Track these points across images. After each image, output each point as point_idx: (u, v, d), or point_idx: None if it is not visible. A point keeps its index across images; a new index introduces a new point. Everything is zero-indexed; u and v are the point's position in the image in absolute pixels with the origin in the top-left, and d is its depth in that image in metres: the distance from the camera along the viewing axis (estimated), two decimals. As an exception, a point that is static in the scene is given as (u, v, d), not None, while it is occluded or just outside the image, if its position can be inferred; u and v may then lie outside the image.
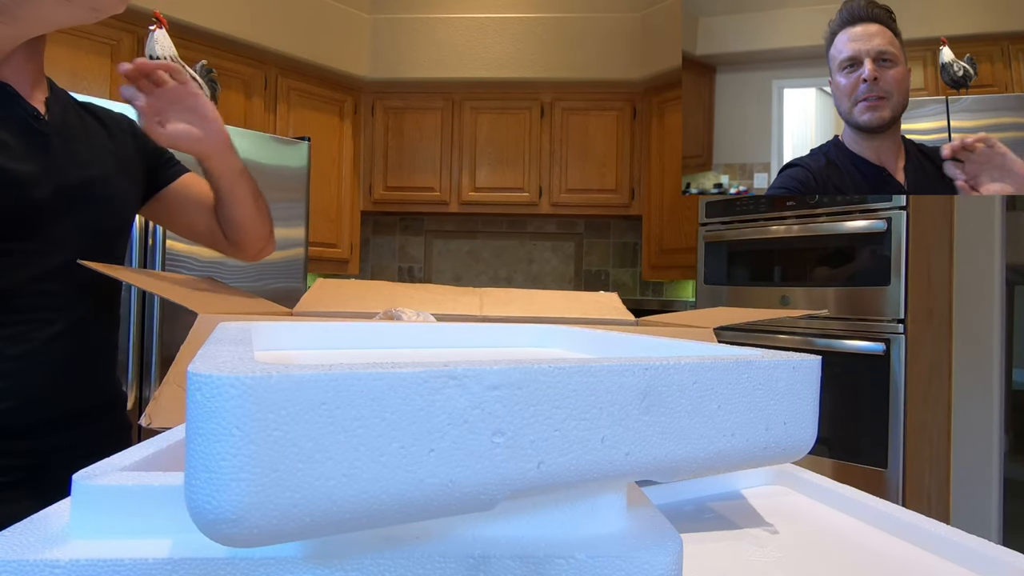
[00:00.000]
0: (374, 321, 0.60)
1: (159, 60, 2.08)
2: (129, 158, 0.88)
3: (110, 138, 0.86)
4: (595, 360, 0.26)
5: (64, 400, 0.78)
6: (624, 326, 0.79)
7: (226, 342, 0.32)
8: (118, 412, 0.88)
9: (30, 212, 0.72)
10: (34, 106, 0.75)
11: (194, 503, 0.21)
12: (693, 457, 0.28)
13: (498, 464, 0.24)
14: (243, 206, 0.91)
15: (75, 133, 0.80)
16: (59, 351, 0.76)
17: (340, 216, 3.13)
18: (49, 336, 0.75)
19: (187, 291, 0.73)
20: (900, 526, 0.46)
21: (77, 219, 0.77)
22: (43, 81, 0.79)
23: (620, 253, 3.55)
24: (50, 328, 0.75)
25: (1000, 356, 2.04)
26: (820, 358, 0.33)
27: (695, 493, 0.55)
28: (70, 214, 0.76)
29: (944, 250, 2.10)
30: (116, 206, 0.84)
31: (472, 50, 3.18)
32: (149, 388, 1.97)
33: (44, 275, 0.74)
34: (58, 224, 0.75)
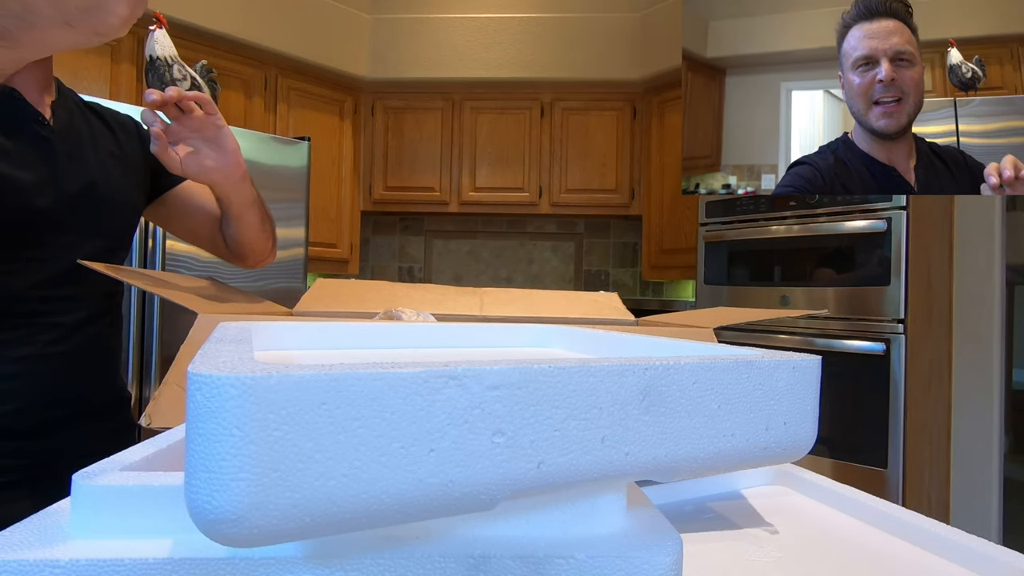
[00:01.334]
0: (374, 321, 0.60)
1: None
2: (134, 161, 0.88)
3: (115, 141, 0.86)
4: (595, 360, 0.26)
5: (68, 401, 0.78)
6: (624, 326, 0.79)
7: (226, 342, 0.32)
8: (123, 411, 0.88)
9: (34, 219, 0.72)
10: (40, 111, 0.75)
11: (194, 503, 0.21)
12: (693, 457, 0.28)
13: (498, 464, 0.24)
14: (250, 230, 0.91)
15: (80, 137, 0.80)
16: (63, 353, 0.76)
17: (340, 216, 3.13)
18: (53, 339, 0.75)
19: (187, 291, 0.73)
20: (900, 526, 0.46)
21: (80, 224, 0.77)
22: (51, 84, 0.79)
23: (620, 253, 3.55)
24: (54, 331, 0.75)
25: (1000, 356, 2.04)
26: (820, 358, 0.33)
27: (695, 493, 0.55)
28: (73, 220, 0.76)
29: (944, 250, 2.10)
30: (120, 210, 0.84)
31: (472, 50, 3.18)
32: (149, 388, 1.97)
33: (48, 280, 0.74)
34: (61, 230, 0.75)
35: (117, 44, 2.36)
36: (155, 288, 0.71)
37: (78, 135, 0.80)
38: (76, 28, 0.65)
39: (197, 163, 0.78)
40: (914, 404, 1.96)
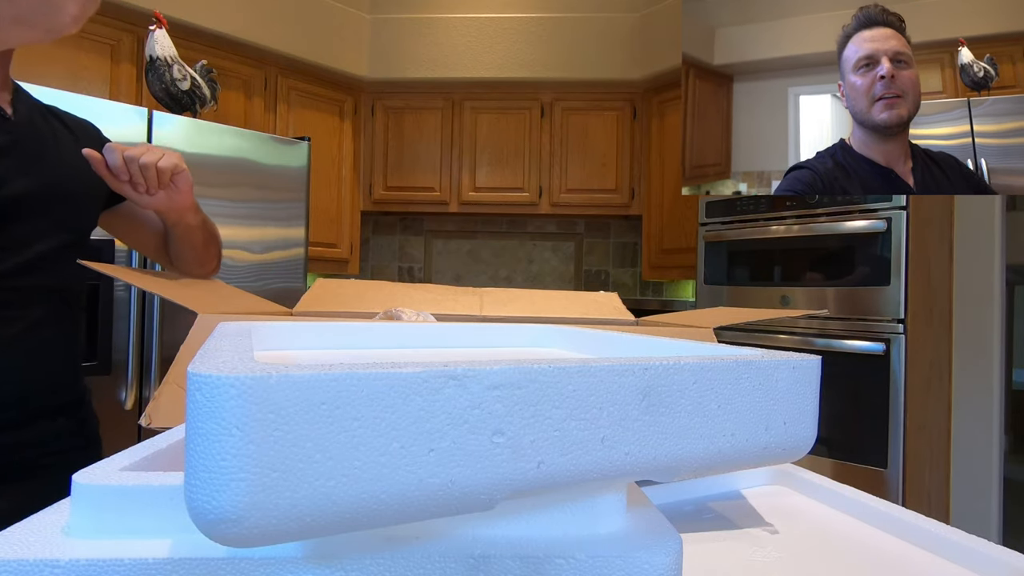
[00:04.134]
0: (374, 321, 0.60)
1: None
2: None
3: (76, 141, 0.86)
4: (595, 360, 0.26)
5: (24, 399, 0.77)
6: (624, 326, 0.79)
7: (226, 342, 0.32)
8: (82, 410, 0.87)
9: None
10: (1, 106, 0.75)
11: (194, 503, 0.21)
12: (693, 457, 0.28)
13: (498, 464, 0.24)
14: (192, 251, 0.93)
15: (41, 134, 0.80)
16: (19, 350, 0.75)
17: (340, 216, 3.13)
18: (10, 335, 0.74)
19: (187, 291, 0.73)
20: (900, 526, 0.46)
21: (42, 218, 0.77)
22: (8, 84, 0.80)
23: (620, 253, 3.55)
24: (10, 328, 0.74)
25: (1000, 356, 2.04)
26: (820, 358, 0.33)
27: (695, 493, 0.55)
28: (34, 214, 0.76)
29: (944, 250, 2.10)
30: (82, 205, 0.84)
31: (472, 50, 3.18)
32: (149, 388, 1.97)
33: (6, 273, 0.74)
34: (21, 223, 0.75)
35: (117, 44, 2.36)
36: (155, 288, 0.71)
37: (39, 131, 0.80)
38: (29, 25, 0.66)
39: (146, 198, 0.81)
40: (914, 404, 1.96)
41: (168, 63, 2.12)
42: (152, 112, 2.00)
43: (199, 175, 1.99)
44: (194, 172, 0.97)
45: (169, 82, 2.12)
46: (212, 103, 2.26)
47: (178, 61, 2.14)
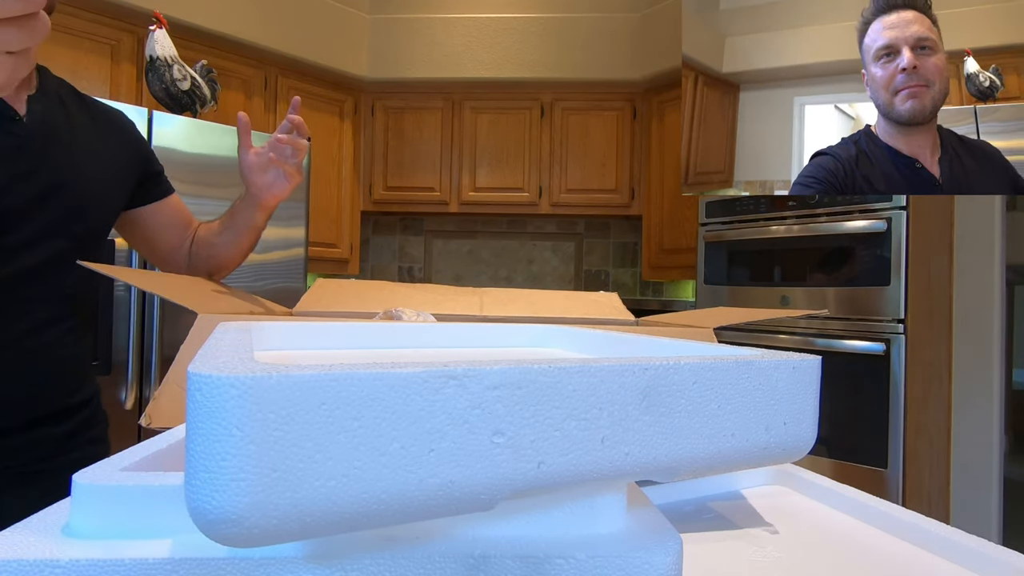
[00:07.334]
0: (374, 321, 0.60)
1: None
2: (116, 160, 0.86)
3: (98, 138, 0.84)
4: (595, 360, 0.26)
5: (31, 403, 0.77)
6: (624, 326, 0.79)
7: (226, 342, 0.32)
8: (88, 412, 0.86)
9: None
10: (13, 107, 0.73)
11: (194, 503, 0.21)
12: (693, 457, 0.28)
13: (498, 464, 0.24)
14: (239, 250, 0.96)
15: (56, 133, 0.78)
16: (24, 354, 0.75)
17: (340, 216, 3.13)
18: (13, 338, 0.74)
19: (187, 291, 0.73)
20: (900, 526, 0.46)
21: (47, 224, 0.76)
22: (31, 78, 0.77)
23: (620, 253, 3.55)
24: (11, 333, 0.74)
25: (1000, 356, 2.04)
26: (820, 358, 0.33)
27: (695, 493, 0.55)
28: (39, 219, 0.75)
29: (944, 250, 2.10)
30: (91, 210, 0.82)
31: (472, 50, 3.18)
32: (149, 388, 1.97)
33: (10, 277, 0.73)
34: (26, 228, 0.74)
35: (117, 44, 2.36)
36: (155, 288, 0.71)
37: (52, 131, 0.78)
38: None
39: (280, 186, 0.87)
40: (914, 404, 1.96)
41: (168, 63, 2.12)
42: (152, 112, 2.00)
43: (199, 175, 1.99)
44: (194, 172, 0.97)
45: (169, 82, 2.12)
46: (212, 103, 2.26)
47: (178, 61, 2.14)
